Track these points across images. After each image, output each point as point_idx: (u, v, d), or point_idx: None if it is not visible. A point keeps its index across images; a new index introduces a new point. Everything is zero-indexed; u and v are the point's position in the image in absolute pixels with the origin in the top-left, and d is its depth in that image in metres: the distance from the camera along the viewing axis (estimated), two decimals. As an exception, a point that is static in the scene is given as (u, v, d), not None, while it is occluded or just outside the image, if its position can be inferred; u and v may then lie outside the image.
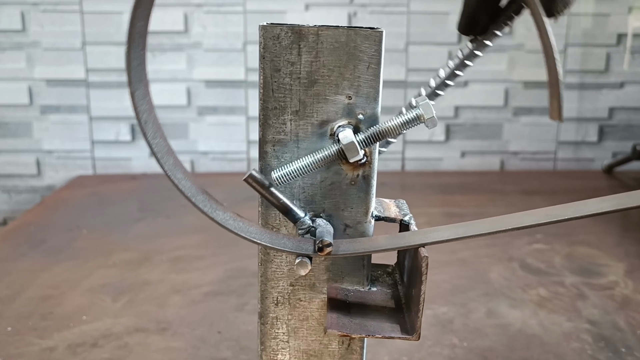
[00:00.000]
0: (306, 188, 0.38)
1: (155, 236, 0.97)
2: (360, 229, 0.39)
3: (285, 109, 0.36)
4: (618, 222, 1.05)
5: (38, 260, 0.87)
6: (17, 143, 1.39)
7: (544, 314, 0.71)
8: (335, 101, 0.36)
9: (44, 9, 1.33)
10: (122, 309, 0.72)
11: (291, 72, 0.36)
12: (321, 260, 0.39)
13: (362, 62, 0.35)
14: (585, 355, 0.62)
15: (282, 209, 0.36)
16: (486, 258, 0.88)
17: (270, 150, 0.37)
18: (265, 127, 0.37)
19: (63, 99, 1.37)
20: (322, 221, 0.37)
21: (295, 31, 0.35)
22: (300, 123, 0.37)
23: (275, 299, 0.40)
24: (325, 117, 0.36)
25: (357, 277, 0.40)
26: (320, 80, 0.36)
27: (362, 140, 0.35)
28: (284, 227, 0.39)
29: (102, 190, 1.25)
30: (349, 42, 0.35)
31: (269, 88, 0.36)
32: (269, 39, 0.35)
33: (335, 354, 0.41)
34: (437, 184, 1.30)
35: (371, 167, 0.37)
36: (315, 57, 0.35)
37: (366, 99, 0.36)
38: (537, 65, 1.36)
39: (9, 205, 1.43)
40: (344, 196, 0.38)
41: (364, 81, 0.36)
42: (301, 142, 0.37)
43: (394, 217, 0.40)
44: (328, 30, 0.35)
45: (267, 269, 0.40)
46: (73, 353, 0.62)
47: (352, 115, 0.36)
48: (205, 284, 0.79)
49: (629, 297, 0.75)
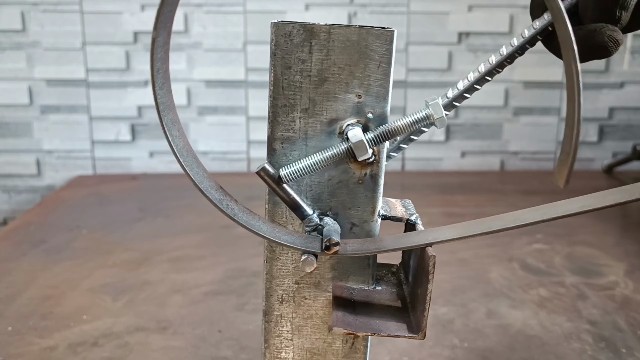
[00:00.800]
0: (313, 186, 0.38)
1: (155, 236, 0.97)
2: (366, 227, 0.39)
3: (295, 106, 0.36)
4: (618, 222, 1.05)
5: (38, 260, 0.87)
6: (17, 143, 1.39)
7: (544, 314, 0.71)
8: (345, 99, 0.36)
9: (44, 9, 1.33)
10: (122, 309, 0.72)
11: (302, 69, 0.36)
12: (327, 258, 0.39)
13: (372, 61, 0.36)
14: (586, 356, 0.62)
15: (291, 205, 0.37)
16: (486, 258, 0.88)
17: (279, 148, 0.37)
18: (275, 125, 0.37)
19: (63, 99, 1.37)
20: (330, 220, 0.37)
21: (307, 29, 0.35)
22: (309, 121, 0.37)
23: (280, 297, 0.40)
24: (335, 115, 0.36)
25: (363, 276, 0.40)
26: (331, 79, 0.36)
27: (371, 139, 0.35)
28: (290, 224, 0.39)
29: (102, 190, 1.25)
30: (361, 40, 0.35)
31: (279, 85, 0.36)
32: (281, 37, 0.35)
33: (339, 353, 0.41)
34: (437, 184, 1.30)
35: (379, 166, 0.37)
36: (326, 55, 0.36)
37: (376, 98, 0.36)
38: (538, 65, 1.36)
39: (9, 205, 1.43)
40: (351, 195, 0.38)
41: (374, 80, 0.36)
42: (310, 140, 0.37)
43: (400, 217, 0.41)
44: (340, 29, 0.35)
45: (272, 266, 0.40)
46: (73, 352, 0.62)
47: (362, 114, 0.36)
48: (205, 284, 0.79)
49: (630, 297, 0.75)
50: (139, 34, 1.35)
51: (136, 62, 1.36)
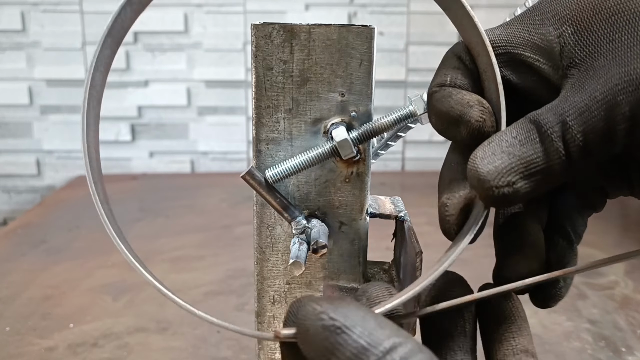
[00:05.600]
0: (301, 186, 0.38)
1: (155, 236, 0.97)
2: (355, 226, 0.39)
3: (279, 107, 0.36)
4: (618, 222, 1.05)
5: (38, 260, 0.87)
6: (17, 143, 1.39)
7: (544, 313, 0.71)
8: (328, 99, 0.36)
9: (44, 9, 1.33)
10: (122, 309, 0.72)
11: (284, 70, 0.36)
12: (317, 258, 0.39)
13: (354, 60, 0.36)
14: (586, 355, 0.62)
15: (278, 208, 0.36)
16: (486, 258, 0.88)
17: (264, 149, 0.37)
18: (259, 126, 0.37)
19: (63, 99, 1.37)
20: (317, 222, 0.37)
21: (287, 29, 0.35)
22: (293, 121, 0.37)
23: (272, 298, 0.40)
24: (319, 114, 0.36)
25: (353, 275, 0.40)
26: (313, 78, 0.36)
27: (355, 138, 0.35)
28: (279, 225, 0.39)
29: (102, 190, 1.25)
30: (341, 39, 0.35)
31: (261, 87, 0.36)
32: (261, 38, 0.35)
33: None
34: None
35: (365, 164, 0.37)
36: (307, 55, 0.35)
37: (359, 96, 0.36)
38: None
39: (9, 205, 1.43)
40: (338, 193, 0.38)
41: (357, 78, 0.36)
42: (295, 140, 0.37)
43: (389, 214, 0.40)
44: (320, 28, 0.35)
45: (263, 267, 0.40)
46: (73, 353, 0.62)
47: (345, 113, 0.36)
48: (205, 284, 0.79)
49: (629, 296, 0.75)
50: (139, 34, 1.35)
51: (136, 63, 1.36)
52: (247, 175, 0.35)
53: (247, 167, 0.35)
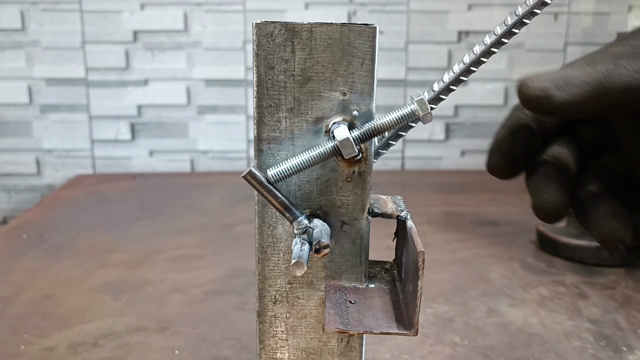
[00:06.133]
0: (302, 185, 0.38)
1: (155, 235, 0.97)
2: (357, 225, 0.38)
3: (280, 106, 0.36)
4: (618, 220, 1.05)
5: (38, 259, 0.87)
6: (16, 142, 1.39)
7: (545, 312, 0.71)
8: (330, 98, 0.36)
9: (44, 7, 1.33)
10: (122, 308, 0.72)
11: (285, 69, 0.36)
12: (319, 258, 0.39)
13: (356, 58, 0.35)
14: (587, 354, 0.62)
15: (280, 208, 0.36)
16: (487, 257, 0.88)
17: (266, 148, 0.37)
18: (260, 125, 0.37)
19: (63, 98, 1.37)
20: (319, 221, 0.37)
21: (289, 28, 0.35)
22: (295, 120, 0.36)
23: (273, 297, 0.40)
24: (320, 114, 0.36)
25: (355, 274, 0.40)
26: (315, 77, 0.36)
27: (357, 137, 0.35)
28: (280, 224, 0.39)
29: (102, 189, 1.25)
30: (343, 38, 0.35)
31: (263, 86, 0.36)
32: (263, 37, 0.35)
33: (335, 352, 0.41)
34: (437, 183, 1.30)
35: (367, 163, 0.37)
36: (309, 54, 0.35)
37: (360, 95, 0.36)
38: (537, 64, 1.36)
39: (9, 205, 1.43)
40: (340, 193, 0.38)
41: (358, 77, 0.36)
42: (296, 140, 0.37)
43: (391, 213, 0.40)
44: (321, 27, 0.35)
45: (264, 267, 0.40)
46: (73, 352, 0.62)
47: (347, 112, 0.36)
48: (205, 283, 0.79)
49: (630, 296, 0.75)
50: (138, 33, 1.35)
51: (136, 61, 1.36)
52: (248, 175, 0.35)
53: (248, 167, 0.35)
